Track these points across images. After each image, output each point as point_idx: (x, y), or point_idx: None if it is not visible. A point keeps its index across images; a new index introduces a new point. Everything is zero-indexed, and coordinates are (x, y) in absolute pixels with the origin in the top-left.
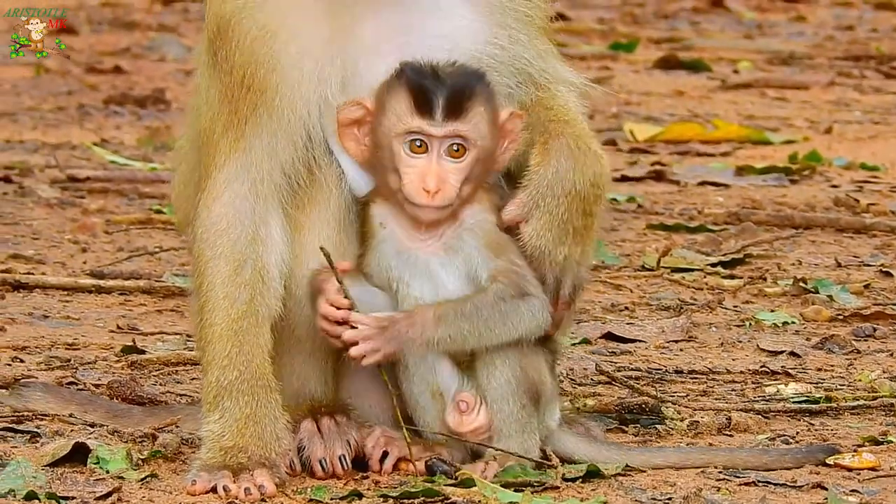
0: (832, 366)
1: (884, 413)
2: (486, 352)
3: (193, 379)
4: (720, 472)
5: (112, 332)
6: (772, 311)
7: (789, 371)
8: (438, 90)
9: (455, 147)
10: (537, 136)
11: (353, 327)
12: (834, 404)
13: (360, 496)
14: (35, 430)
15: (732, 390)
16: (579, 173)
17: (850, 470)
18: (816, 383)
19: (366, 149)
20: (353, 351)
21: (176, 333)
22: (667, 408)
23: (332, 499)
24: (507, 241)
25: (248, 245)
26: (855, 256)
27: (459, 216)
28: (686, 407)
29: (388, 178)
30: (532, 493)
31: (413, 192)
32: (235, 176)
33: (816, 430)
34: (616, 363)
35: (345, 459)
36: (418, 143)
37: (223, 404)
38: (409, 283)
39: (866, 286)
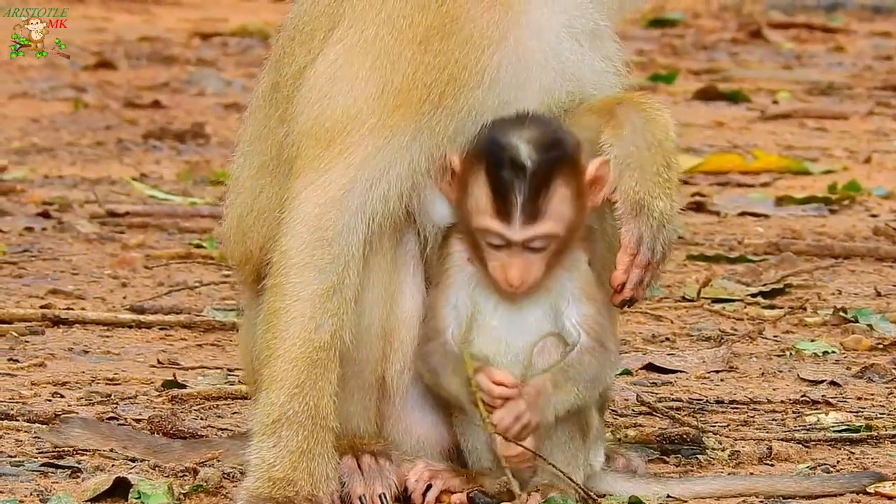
0: (872, 395)
1: None
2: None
3: (234, 413)
4: (761, 502)
5: (152, 366)
6: (812, 340)
7: (829, 400)
8: (517, 192)
9: (538, 244)
10: (602, 111)
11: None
12: (874, 433)
13: None
14: (76, 465)
15: (773, 420)
16: (653, 124)
17: (891, 499)
18: (857, 412)
19: (456, 197)
20: (504, 424)
21: (217, 368)
22: (708, 438)
23: None
24: (598, 287)
25: (345, 267)
26: (894, 286)
27: (554, 266)
28: (727, 437)
29: (474, 241)
30: None
31: (499, 280)
32: (360, 185)
33: (857, 458)
34: (657, 394)
35: (385, 497)
36: (497, 243)
37: (281, 433)
38: (489, 313)
39: None
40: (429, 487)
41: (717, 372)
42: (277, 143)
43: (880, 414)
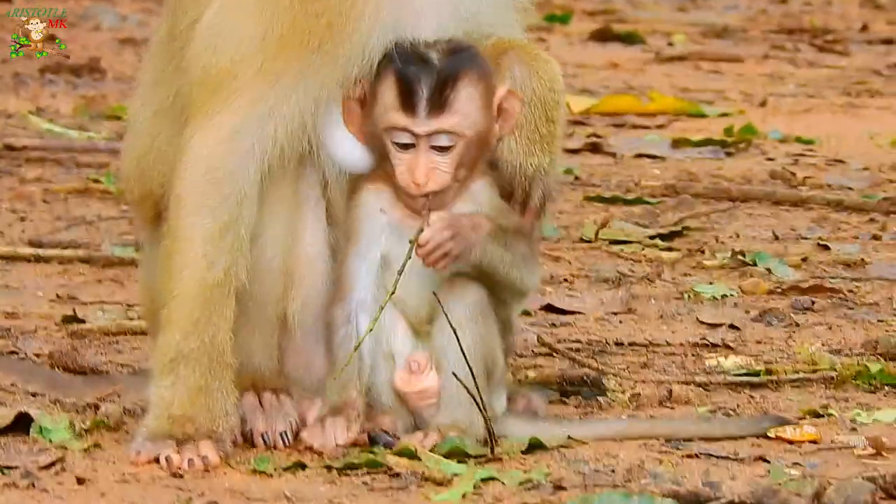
0: (771, 338)
1: (823, 386)
2: (449, 315)
3: (134, 349)
4: (662, 445)
5: (52, 301)
6: (710, 283)
7: (729, 344)
8: (423, 84)
9: (444, 141)
10: (489, 59)
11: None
12: (774, 377)
13: (303, 467)
14: None
15: (673, 363)
16: (536, 79)
17: (791, 442)
18: (756, 356)
19: (364, 130)
20: (430, 258)
21: (116, 303)
22: (608, 380)
23: (274, 469)
24: (508, 212)
25: (237, 205)
26: (792, 229)
27: (465, 193)
28: (627, 379)
29: (384, 163)
30: (475, 464)
31: (404, 184)
32: (248, 125)
33: (757, 402)
34: (556, 335)
35: (286, 435)
36: (404, 139)
37: (178, 371)
38: (402, 256)
39: (804, 259)
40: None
41: (616, 314)
42: (174, 89)
43: (780, 358)
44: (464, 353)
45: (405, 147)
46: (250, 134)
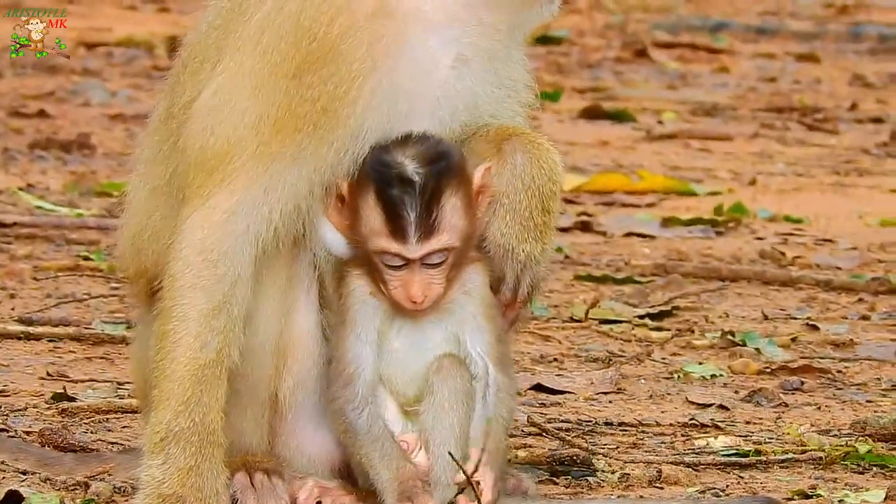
0: (761, 419)
1: (812, 466)
2: (434, 395)
3: (125, 427)
4: None
5: (42, 379)
6: (700, 363)
7: (718, 424)
8: (409, 210)
9: (435, 259)
10: (491, 145)
11: None
12: (763, 457)
13: None
14: None
15: (662, 443)
16: (536, 167)
17: None
18: (745, 436)
19: (347, 227)
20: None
21: (106, 381)
22: (597, 460)
23: None
24: (496, 305)
25: (231, 286)
26: (781, 309)
27: (453, 281)
28: (616, 459)
29: (371, 267)
30: None
31: (399, 300)
32: (243, 207)
33: (746, 482)
34: (546, 414)
35: None
36: (396, 262)
37: (169, 450)
38: (392, 336)
39: (793, 339)
40: None
41: (606, 393)
42: (171, 168)
43: (769, 438)
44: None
45: (397, 268)
46: (245, 216)
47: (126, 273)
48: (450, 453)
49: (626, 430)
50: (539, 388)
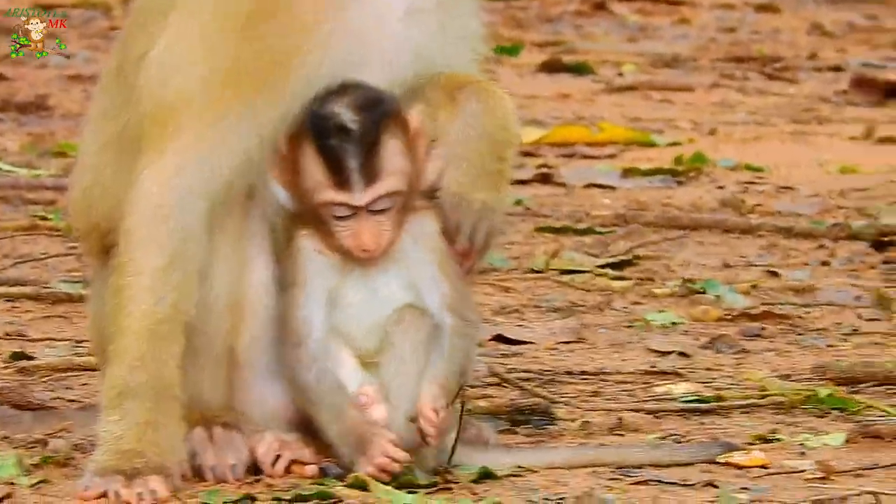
0: (721, 365)
1: (773, 411)
2: (394, 348)
3: (83, 385)
4: (612, 472)
5: (0, 338)
6: (660, 311)
7: (679, 371)
8: (351, 158)
9: (381, 205)
10: (444, 93)
11: None
12: (724, 403)
13: (252, 499)
14: None
15: (623, 390)
16: (489, 115)
17: (740, 468)
18: (706, 383)
19: (291, 182)
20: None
21: (64, 340)
22: (558, 408)
23: (224, 502)
24: (447, 251)
25: (184, 242)
26: (742, 257)
27: (402, 227)
28: (577, 408)
29: (320, 220)
30: (426, 494)
31: (352, 249)
32: (194, 162)
33: (707, 428)
34: (507, 365)
35: (236, 469)
36: (343, 212)
37: (126, 405)
38: (347, 293)
39: (753, 286)
40: (279, 458)
41: (567, 343)
42: (122, 123)
43: (729, 384)
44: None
45: (345, 218)
46: (195, 171)
47: (78, 229)
48: (410, 419)
49: (586, 379)
50: (500, 338)
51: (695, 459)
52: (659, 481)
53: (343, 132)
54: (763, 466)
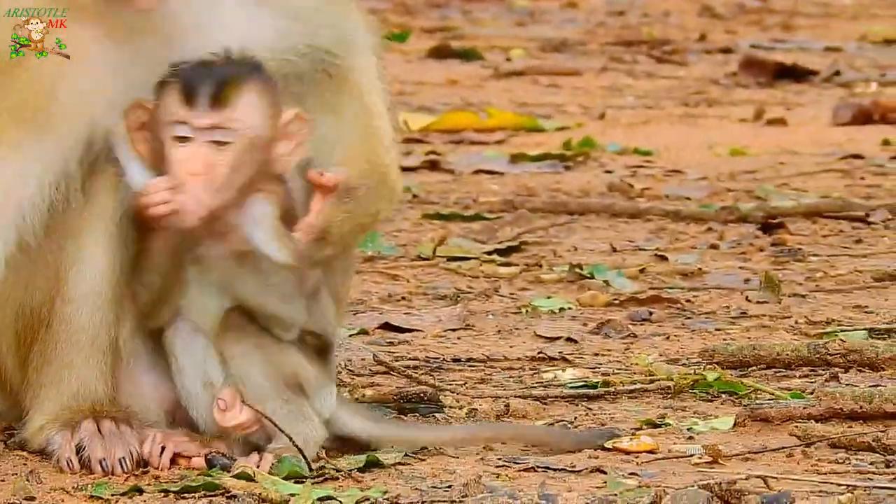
0: (609, 350)
1: (661, 396)
2: (231, 357)
3: None
4: (499, 459)
5: None
6: (548, 297)
7: (566, 357)
8: (205, 80)
9: (221, 136)
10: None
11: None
12: (611, 388)
13: (140, 492)
14: None
15: (510, 377)
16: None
17: (628, 453)
18: (594, 368)
19: (152, 150)
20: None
21: None
22: (445, 396)
23: (112, 495)
24: (291, 236)
25: (31, 236)
26: (630, 241)
27: (242, 208)
28: (464, 395)
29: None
30: (312, 484)
31: (182, 175)
32: (15, 167)
33: (595, 414)
34: (394, 353)
35: (125, 462)
36: (184, 134)
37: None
38: (192, 279)
39: (641, 270)
40: (164, 450)
41: (454, 330)
42: None
43: (617, 369)
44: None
45: (184, 140)
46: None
47: None
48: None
49: (474, 366)
50: (387, 326)
51: (583, 446)
52: (546, 468)
53: (206, 63)
54: (651, 451)
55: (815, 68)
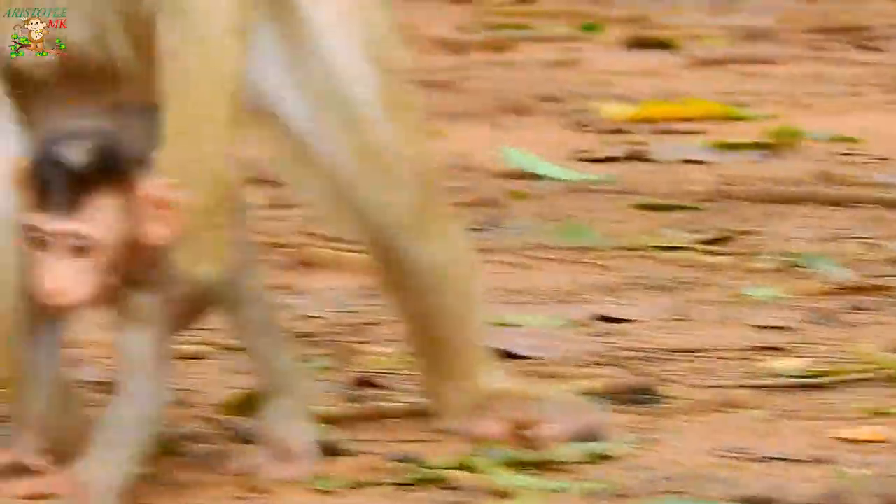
0: (827, 339)
1: (883, 385)
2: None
3: None
4: (724, 450)
5: None
6: (762, 286)
7: (783, 346)
8: (56, 182)
9: (75, 246)
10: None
11: None
12: (832, 378)
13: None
14: None
15: (727, 367)
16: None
17: (855, 443)
18: (812, 357)
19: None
20: None
21: None
22: (666, 386)
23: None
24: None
25: None
26: (841, 229)
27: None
28: (684, 385)
29: None
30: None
31: (39, 292)
32: None
33: (816, 403)
34: (609, 343)
35: None
36: (36, 240)
37: None
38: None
39: (856, 259)
40: None
41: (669, 320)
42: None
43: (837, 359)
44: None
45: (40, 247)
46: None
47: None
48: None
49: (691, 356)
50: (600, 317)
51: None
52: (773, 458)
53: (60, 163)
54: (879, 441)
55: None
